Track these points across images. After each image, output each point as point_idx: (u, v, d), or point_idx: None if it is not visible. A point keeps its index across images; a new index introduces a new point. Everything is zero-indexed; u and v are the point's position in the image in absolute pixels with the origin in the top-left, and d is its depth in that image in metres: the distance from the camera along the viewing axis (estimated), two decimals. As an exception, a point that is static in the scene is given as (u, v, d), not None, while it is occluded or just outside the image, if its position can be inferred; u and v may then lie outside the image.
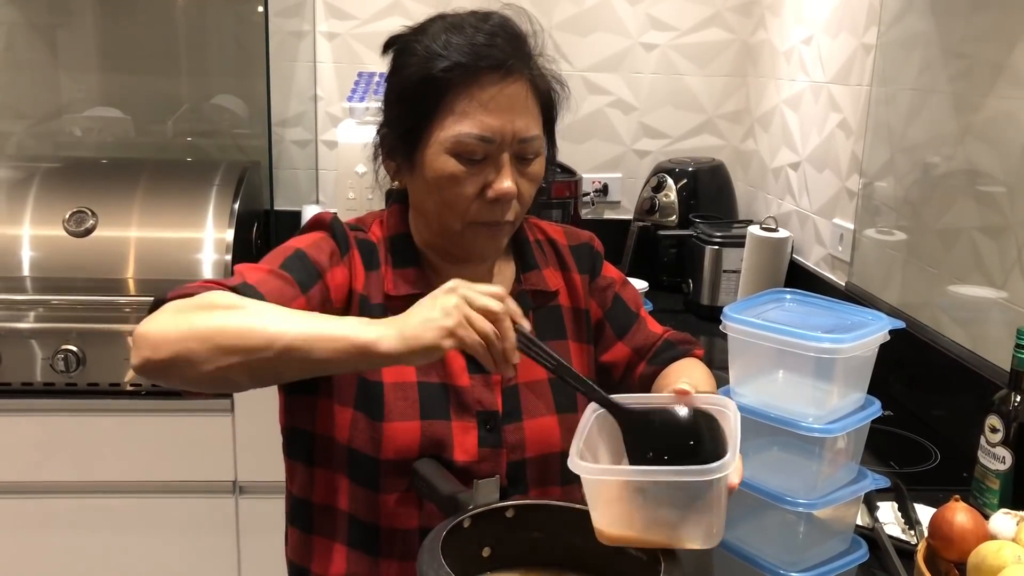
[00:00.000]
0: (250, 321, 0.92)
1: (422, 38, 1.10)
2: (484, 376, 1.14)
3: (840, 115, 2.16)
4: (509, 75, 1.07)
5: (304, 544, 1.16)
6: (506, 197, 1.08)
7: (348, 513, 1.11)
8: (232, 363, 0.91)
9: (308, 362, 0.92)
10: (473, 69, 1.06)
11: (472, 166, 1.07)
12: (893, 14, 1.93)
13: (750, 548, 1.09)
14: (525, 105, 1.08)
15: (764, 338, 1.07)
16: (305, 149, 2.75)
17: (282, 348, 0.91)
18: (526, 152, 1.09)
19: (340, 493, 1.12)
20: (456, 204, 1.09)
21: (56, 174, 2.34)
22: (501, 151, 1.07)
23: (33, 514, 2.11)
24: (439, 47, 1.07)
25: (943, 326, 1.72)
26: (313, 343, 0.91)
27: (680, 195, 2.63)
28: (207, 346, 0.91)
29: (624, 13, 2.74)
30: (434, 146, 1.08)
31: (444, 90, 1.06)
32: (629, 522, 0.90)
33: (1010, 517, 1.08)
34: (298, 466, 1.16)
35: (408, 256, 1.16)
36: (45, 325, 2.06)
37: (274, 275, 1.05)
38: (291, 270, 1.06)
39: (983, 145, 1.61)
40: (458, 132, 1.06)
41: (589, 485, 0.90)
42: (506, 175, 1.07)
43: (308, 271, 1.08)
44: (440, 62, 1.06)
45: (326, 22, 2.68)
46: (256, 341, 0.91)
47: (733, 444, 0.90)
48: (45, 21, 2.62)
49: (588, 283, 1.26)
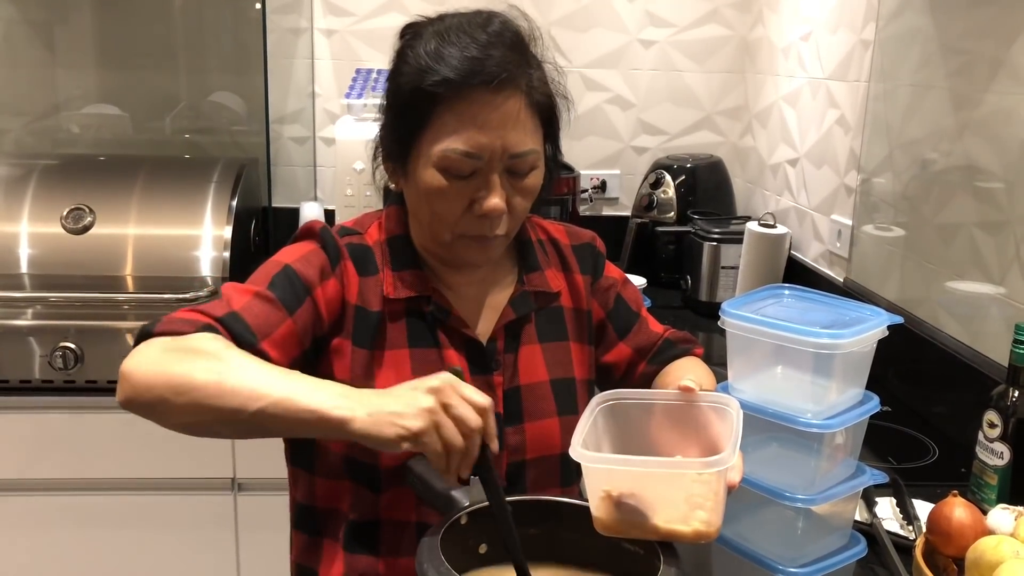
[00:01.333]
0: (227, 384, 0.92)
1: (417, 44, 1.07)
2: (485, 378, 1.14)
3: (838, 111, 2.16)
4: (502, 90, 1.04)
5: (311, 547, 1.16)
6: (493, 214, 1.06)
7: (350, 514, 1.12)
8: (206, 419, 0.93)
9: (280, 428, 0.94)
10: (462, 85, 1.03)
11: (459, 181, 1.06)
12: (891, 10, 1.92)
13: (749, 543, 1.09)
14: (517, 119, 1.05)
15: (763, 334, 1.07)
16: (303, 146, 2.75)
17: (255, 412, 0.91)
18: (519, 167, 1.07)
19: (342, 498, 1.12)
20: (444, 217, 1.08)
21: (54, 171, 2.33)
22: (491, 166, 1.05)
23: (31, 512, 2.11)
24: (431, 59, 1.05)
25: (941, 322, 1.72)
26: (285, 412, 0.91)
27: (678, 191, 2.63)
28: (184, 399, 0.92)
29: (622, 9, 2.74)
30: (423, 158, 1.07)
31: (432, 104, 1.05)
32: (627, 512, 0.90)
33: (1008, 512, 1.08)
34: (301, 473, 1.17)
35: (407, 258, 1.15)
36: (43, 322, 2.06)
37: (260, 299, 1.05)
38: (278, 289, 1.06)
39: (981, 141, 1.61)
40: (444, 148, 1.04)
41: (589, 473, 0.91)
42: (494, 192, 1.06)
43: (295, 290, 1.07)
44: (430, 76, 1.04)
45: (324, 19, 2.68)
46: (230, 403, 0.92)
47: (734, 442, 0.90)
48: (42, 18, 2.62)
49: (590, 284, 1.26)
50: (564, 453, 0.96)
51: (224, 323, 1.01)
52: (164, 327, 1.00)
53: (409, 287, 1.13)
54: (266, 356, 1.02)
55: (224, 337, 1.00)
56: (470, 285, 1.18)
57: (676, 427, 1.01)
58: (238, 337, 1.01)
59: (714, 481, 0.89)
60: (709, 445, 0.98)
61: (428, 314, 1.13)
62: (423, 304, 1.14)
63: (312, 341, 1.09)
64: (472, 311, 1.17)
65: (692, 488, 0.90)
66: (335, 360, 1.10)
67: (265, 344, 1.03)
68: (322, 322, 1.09)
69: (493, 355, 1.15)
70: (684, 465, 0.93)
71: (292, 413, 0.91)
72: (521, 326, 1.18)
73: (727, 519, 0.93)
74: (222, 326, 1.01)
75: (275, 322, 1.04)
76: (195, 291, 2.07)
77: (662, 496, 0.90)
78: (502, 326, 1.16)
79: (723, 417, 0.97)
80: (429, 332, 1.13)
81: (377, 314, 1.11)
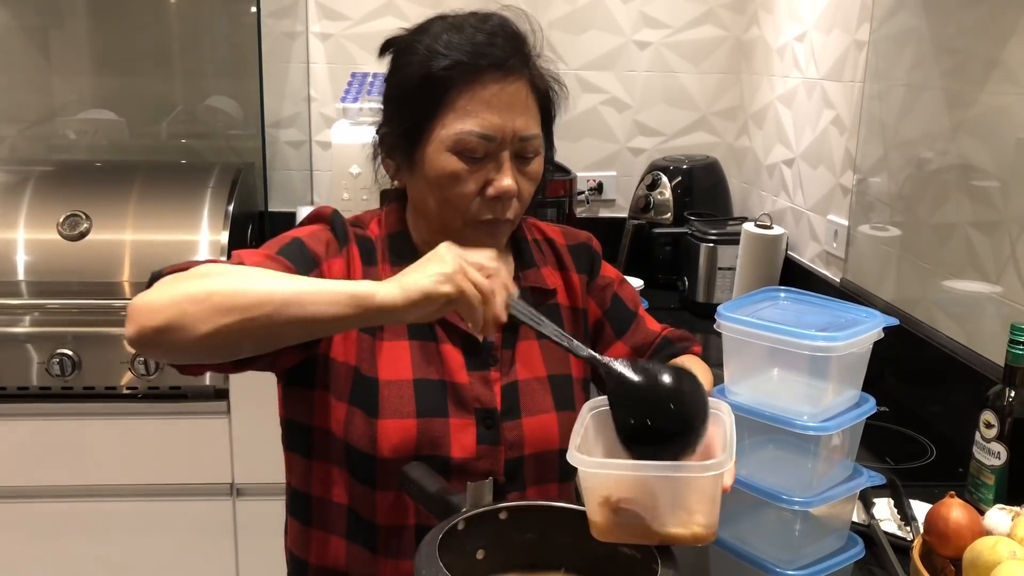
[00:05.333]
0: (245, 281, 0.92)
1: (423, 38, 1.10)
2: (482, 373, 1.14)
3: (833, 111, 2.16)
4: (510, 74, 1.07)
5: (303, 536, 1.16)
6: (507, 195, 1.09)
7: (347, 507, 1.12)
8: (228, 323, 0.90)
9: (306, 319, 0.91)
10: (474, 67, 1.06)
11: (473, 164, 1.08)
12: (885, 10, 1.93)
13: (747, 546, 1.09)
14: (525, 104, 1.09)
15: (758, 337, 1.07)
16: (299, 150, 2.75)
17: (279, 304, 0.90)
18: (526, 151, 1.10)
19: (337, 487, 1.12)
20: (457, 202, 1.10)
21: (50, 177, 2.33)
22: (502, 149, 1.08)
23: (30, 518, 2.11)
24: (440, 46, 1.07)
25: (938, 321, 1.72)
26: (310, 297, 0.91)
27: (675, 193, 2.64)
28: (202, 307, 0.90)
29: (617, 11, 2.74)
30: (435, 144, 1.08)
31: (446, 88, 1.07)
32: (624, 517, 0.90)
33: (1005, 512, 1.08)
34: (296, 458, 1.16)
35: (406, 254, 1.16)
36: (40, 329, 2.06)
37: (272, 260, 1.05)
38: (289, 257, 1.07)
39: (976, 140, 1.61)
40: (460, 130, 1.06)
41: (586, 479, 0.91)
42: (507, 173, 1.08)
43: (306, 259, 1.08)
44: (441, 60, 1.06)
45: (319, 23, 2.68)
46: (252, 299, 0.90)
47: (729, 446, 0.90)
48: (37, 23, 2.62)
49: (586, 283, 1.27)
50: (562, 448, 0.96)
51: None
52: (173, 266, 0.99)
53: None
54: None
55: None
56: None
57: None
58: None
59: (710, 484, 0.89)
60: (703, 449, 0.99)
61: None
62: None
63: None
64: None
65: (688, 492, 0.90)
66: (335, 341, 1.10)
67: None
68: None
69: (490, 350, 1.15)
70: (681, 469, 0.93)
71: (318, 296, 0.91)
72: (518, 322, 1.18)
73: (724, 521, 0.93)
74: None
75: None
76: (192, 296, 2.07)
77: (659, 500, 0.90)
78: None
79: (715, 421, 0.98)
80: (427, 326, 1.14)
81: None
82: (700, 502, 0.90)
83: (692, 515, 0.90)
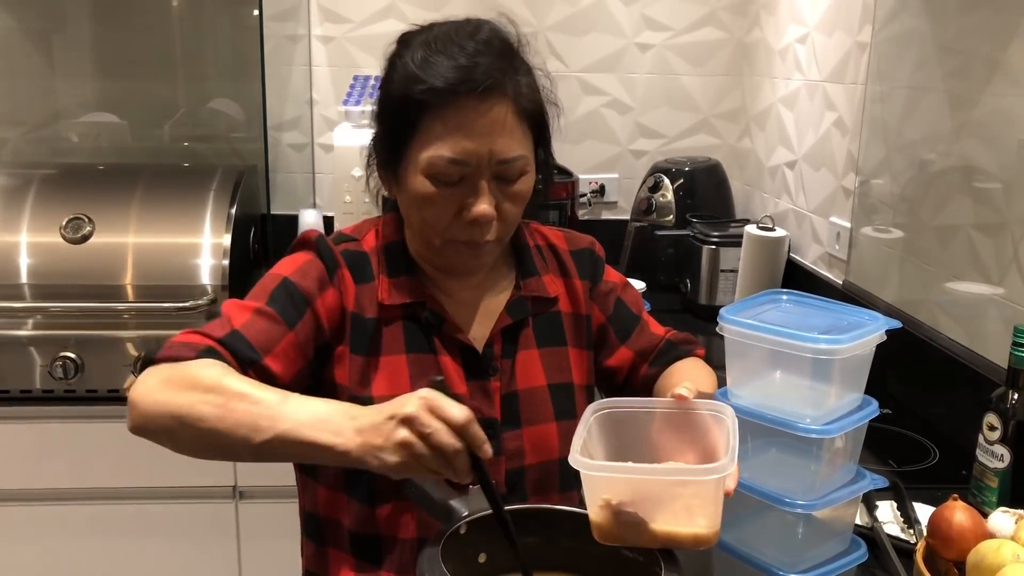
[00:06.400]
0: (229, 420, 0.95)
1: (405, 53, 1.09)
2: (482, 383, 1.14)
3: (835, 113, 2.16)
4: (488, 96, 1.05)
5: (319, 556, 1.17)
6: (482, 220, 1.07)
7: (350, 526, 1.13)
8: (215, 450, 0.98)
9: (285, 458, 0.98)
10: (449, 93, 1.04)
11: (448, 188, 1.07)
12: (887, 12, 1.93)
13: (750, 549, 1.09)
14: (504, 126, 1.06)
15: (761, 339, 1.07)
16: (301, 153, 2.75)
17: (259, 445, 0.94)
18: (507, 173, 1.08)
19: (342, 508, 1.13)
20: (434, 222, 1.09)
21: (52, 181, 2.33)
22: (479, 173, 1.06)
23: (32, 521, 2.11)
24: (418, 68, 1.06)
25: (940, 324, 1.72)
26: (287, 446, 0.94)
27: (677, 195, 2.63)
28: (190, 432, 0.96)
29: (619, 13, 2.74)
30: (411, 167, 1.08)
31: (420, 112, 1.06)
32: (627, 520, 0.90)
33: (1009, 515, 1.08)
34: (307, 481, 1.18)
35: (403, 265, 1.16)
36: (43, 332, 2.06)
37: (261, 315, 1.07)
38: (278, 304, 1.08)
39: (978, 142, 1.61)
40: (431, 155, 1.06)
41: (588, 481, 0.91)
42: (483, 199, 1.07)
43: (295, 302, 1.09)
44: (418, 84, 1.05)
45: (321, 26, 2.68)
46: (233, 439, 0.95)
47: (731, 449, 0.90)
48: (40, 27, 2.62)
49: (589, 289, 1.26)
50: (563, 458, 0.96)
51: (225, 344, 1.03)
52: (166, 352, 1.03)
53: (404, 293, 1.14)
54: (270, 371, 1.04)
55: (226, 359, 1.02)
56: (466, 290, 1.18)
57: (671, 434, 1.01)
58: (240, 355, 1.03)
59: (713, 488, 0.90)
60: (705, 452, 0.99)
61: (423, 320, 1.14)
62: (418, 310, 1.14)
63: (315, 351, 1.10)
64: (468, 316, 1.18)
65: (691, 495, 0.90)
66: (337, 367, 1.11)
67: (268, 359, 1.04)
68: (323, 331, 1.10)
69: (490, 360, 1.15)
70: (683, 472, 0.93)
71: (294, 447, 0.94)
72: (518, 331, 1.18)
73: (727, 525, 0.93)
74: (224, 347, 1.03)
75: (276, 336, 1.06)
76: (195, 299, 2.07)
77: (661, 503, 0.90)
78: (499, 331, 1.17)
79: (718, 423, 0.98)
80: (425, 338, 1.14)
81: (373, 320, 1.12)
82: (702, 505, 0.90)
83: (694, 518, 0.90)
